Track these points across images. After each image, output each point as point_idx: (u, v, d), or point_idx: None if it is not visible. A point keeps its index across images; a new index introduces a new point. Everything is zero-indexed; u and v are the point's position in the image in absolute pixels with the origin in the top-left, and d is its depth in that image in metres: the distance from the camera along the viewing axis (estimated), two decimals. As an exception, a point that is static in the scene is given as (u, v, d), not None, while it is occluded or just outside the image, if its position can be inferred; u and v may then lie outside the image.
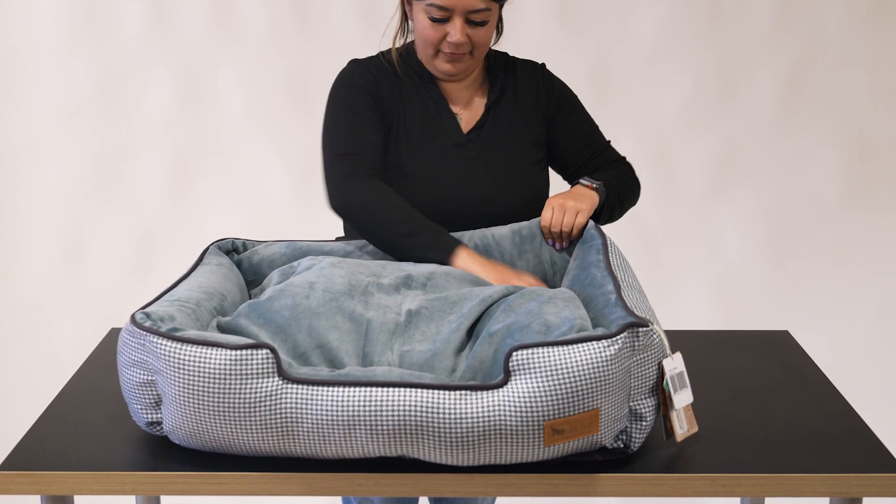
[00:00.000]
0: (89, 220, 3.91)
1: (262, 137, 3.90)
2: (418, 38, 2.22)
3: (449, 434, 1.57)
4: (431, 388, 1.58)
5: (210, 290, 1.88)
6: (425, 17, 2.16)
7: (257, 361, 1.60)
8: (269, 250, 2.13)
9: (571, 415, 1.57)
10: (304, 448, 1.62)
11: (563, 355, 1.57)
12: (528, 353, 1.58)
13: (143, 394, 1.69)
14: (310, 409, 1.59)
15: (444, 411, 1.57)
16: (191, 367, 1.60)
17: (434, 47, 2.19)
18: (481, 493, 1.65)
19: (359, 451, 1.62)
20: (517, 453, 1.60)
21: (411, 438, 1.58)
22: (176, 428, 1.66)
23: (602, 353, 1.58)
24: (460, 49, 2.17)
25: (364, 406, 1.57)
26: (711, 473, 1.65)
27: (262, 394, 1.59)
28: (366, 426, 1.58)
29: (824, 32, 3.84)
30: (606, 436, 1.62)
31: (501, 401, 1.57)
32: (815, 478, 1.64)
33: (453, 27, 2.14)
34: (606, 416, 1.60)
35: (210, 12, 3.83)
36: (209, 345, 1.60)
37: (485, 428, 1.57)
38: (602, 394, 1.58)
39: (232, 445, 1.64)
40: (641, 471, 1.65)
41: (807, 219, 3.91)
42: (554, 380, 1.56)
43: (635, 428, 1.67)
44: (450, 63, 2.20)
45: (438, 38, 2.17)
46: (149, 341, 1.64)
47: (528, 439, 1.58)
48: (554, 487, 1.65)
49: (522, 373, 1.58)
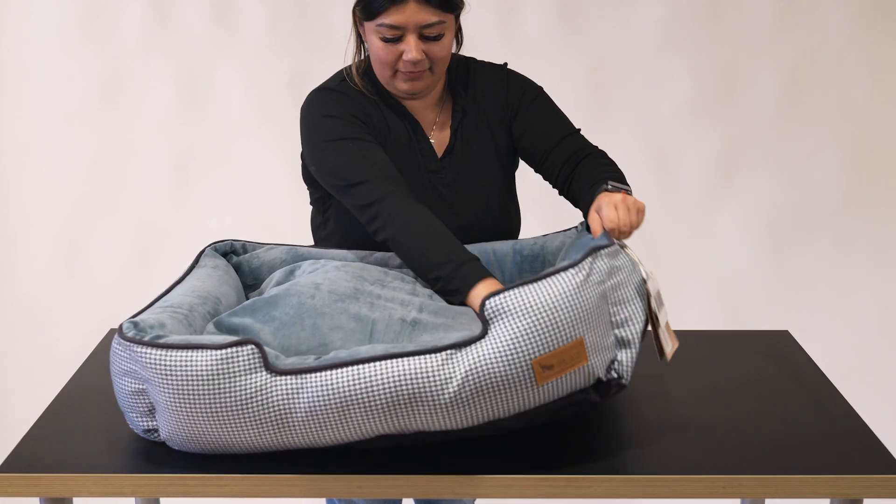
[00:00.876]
0: (89, 220, 3.91)
1: (262, 137, 3.90)
2: (374, 61, 2.11)
3: (442, 396, 1.58)
4: (417, 354, 1.60)
5: (204, 295, 1.87)
6: (377, 38, 2.06)
7: (243, 358, 1.60)
8: (270, 255, 2.12)
9: (556, 348, 1.58)
10: (302, 437, 1.63)
11: (535, 292, 1.60)
12: (500, 299, 1.60)
13: (137, 402, 1.69)
14: (301, 397, 1.59)
15: (434, 374, 1.58)
16: (178, 372, 1.60)
17: (391, 68, 2.09)
18: (480, 494, 1.65)
19: (356, 432, 1.62)
20: (513, 401, 1.60)
21: (406, 409, 1.59)
22: (173, 434, 1.66)
23: (570, 280, 1.61)
24: (418, 66, 2.07)
25: (354, 385, 1.58)
26: (711, 474, 1.65)
27: (251, 390, 1.59)
28: (359, 405, 1.58)
29: (824, 32, 3.84)
30: (597, 366, 1.63)
31: (486, 351, 1.59)
32: (816, 479, 1.64)
33: (407, 45, 2.04)
34: (592, 345, 1.61)
35: (210, 12, 3.83)
36: (193, 347, 1.61)
37: (475, 383, 1.58)
38: (581, 322, 1.60)
39: (230, 445, 1.64)
40: (641, 472, 1.65)
41: (807, 219, 3.91)
42: (530, 317, 1.58)
43: (625, 356, 1.67)
44: (408, 82, 2.11)
45: (394, 58, 2.07)
46: (133, 351, 1.64)
47: (520, 383, 1.59)
48: (554, 489, 1.65)
49: (499, 318, 1.60)
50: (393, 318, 1.81)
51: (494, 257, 2.13)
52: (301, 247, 2.15)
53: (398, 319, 1.81)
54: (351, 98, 2.15)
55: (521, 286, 1.61)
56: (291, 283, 1.86)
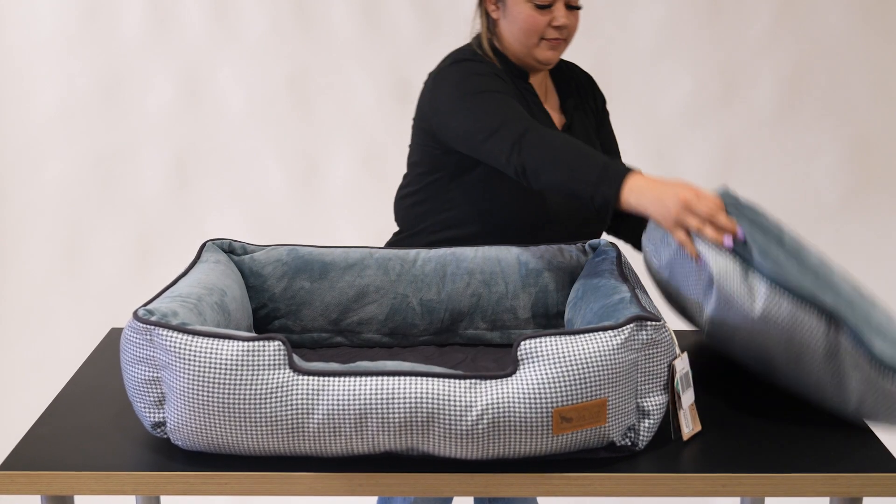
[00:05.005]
0: (89, 220, 3.91)
1: (262, 137, 3.90)
2: (519, 29, 2.22)
3: (458, 423, 1.58)
4: (441, 377, 1.60)
5: (210, 286, 1.88)
6: (528, 5, 2.19)
7: (269, 353, 1.60)
8: (270, 255, 2.13)
9: (579, 402, 1.59)
10: (311, 444, 1.62)
11: (571, 344, 1.61)
12: (536, 343, 1.61)
13: (148, 391, 1.69)
14: (321, 400, 1.59)
15: (454, 400, 1.58)
16: (202, 359, 1.60)
17: (539, 34, 2.21)
18: (481, 493, 1.66)
19: (368, 445, 1.62)
20: (526, 444, 1.61)
21: (421, 429, 1.59)
22: (180, 425, 1.65)
23: (609, 342, 1.62)
24: (562, 34, 2.21)
25: (375, 396, 1.58)
26: (712, 473, 1.65)
27: (273, 385, 1.60)
28: (376, 416, 1.59)
29: (824, 32, 3.84)
30: (614, 429, 1.63)
31: (510, 389, 1.59)
32: (816, 477, 1.64)
33: (558, 11, 2.19)
34: (614, 408, 1.62)
35: (210, 12, 3.83)
36: (220, 337, 1.61)
37: (494, 416, 1.58)
38: (609, 383, 1.61)
39: (236, 444, 1.64)
40: (642, 470, 1.65)
41: (807, 219, 3.91)
42: (561, 368, 1.59)
43: (643, 425, 1.68)
44: (551, 50, 2.23)
45: (544, 25, 2.20)
46: (157, 335, 1.64)
47: (536, 428, 1.59)
48: (554, 487, 1.65)
49: (531, 362, 1.60)
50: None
51: (499, 266, 2.14)
52: (302, 247, 2.15)
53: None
54: (495, 68, 2.24)
55: (558, 335, 1.62)
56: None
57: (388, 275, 2.12)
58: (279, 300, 2.10)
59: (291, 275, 2.11)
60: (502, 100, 2.12)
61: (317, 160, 3.97)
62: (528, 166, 2.00)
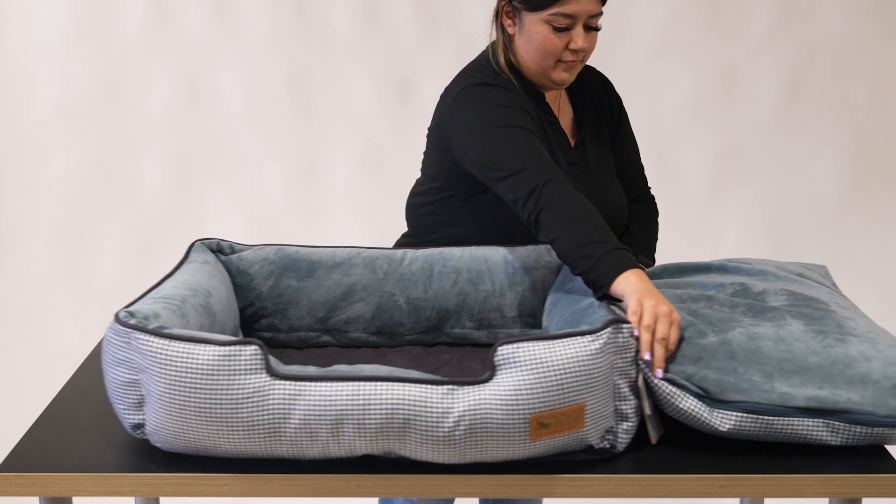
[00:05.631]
0: (89, 220, 3.91)
1: (262, 137, 3.90)
2: (535, 50, 2.16)
3: (435, 429, 1.57)
4: (418, 382, 1.59)
5: (195, 287, 1.88)
6: (546, 27, 2.12)
7: (245, 358, 1.60)
8: (257, 255, 2.12)
9: (556, 408, 1.58)
10: (289, 448, 1.62)
11: (548, 350, 1.59)
12: (513, 349, 1.60)
13: (127, 393, 1.68)
14: (297, 405, 1.59)
15: (431, 406, 1.57)
16: (178, 363, 1.59)
17: (555, 57, 2.15)
18: (479, 494, 1.65)
19: (345, 449, 1.62)
20: (504, 449, 1.60)
21: (397, 434, 1.59)
22: (159, 428, 1.65)
23: (586, 347, 1.60)
24: (580, 56, 2.15)
25: (351, 401, 1.58)
26: (711, 474, 1.65)
27: (249, 390, 1.59)
28: (352, 422, 1.58)
29: (824, 32, 3.84)
30: (592, 433, 1.63)
31: (487, 395, 1.58)
32: (815, 478, 1.64)
33: (577, 34, 2.12)
34: (592, 412, 1.61)
35: (210, 12, 3.83)
36: (197, 341, 1.60)
37: (471, 423, 1.57)
38: (587, 389, 1.60)
39: (216, 447, 1.64)
40: (640, 471, 1.65)
41: (807, 219, 3.91)
42: (539, 373, 1.58)
43: (621, 427, 1.67)
44: (566, 72, 2.18)
45: (561, 48, 2.13)
46: (134, 339, 1.63)
47: (513, 434, 1.59)
48: (552, 488, 1.65)
49: (508, 367, 1.59)
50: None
51: (486, 265, 2.13)
52: (289, 246, 2.14)
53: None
54: (515, 93, 2.19)
55: (536, 340, 1.61)
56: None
57: (376, 273, 2.12)
58: (266, 299, 2.10)
59: (278, 273, 2.10)
60: (525, 139, 2.06)
61: (317, 160, 3.97)
62: (542, 219, 1.95)
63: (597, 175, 2.27)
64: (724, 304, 1.85)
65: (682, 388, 1.67)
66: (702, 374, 1.68)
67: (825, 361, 1.68)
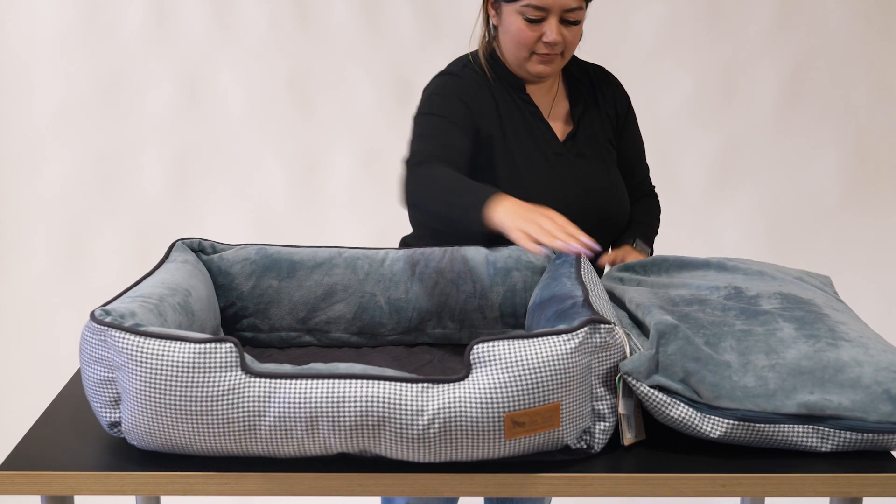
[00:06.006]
0: (89, 220, 3.91)
1: (262, 138, 3.90)
2: (510, 41, 2.19)
3: (410, 427, 1.57)
4: (393, 380, 1.58)
5: (174, 286, 1.87)
6: (519, 18, 2.15)
7: (221, 355, 1.59)
8: (238, 254, 2.12)
9: (531, 407, 1.58)
10: (264, 446, 1.62)
11: (524, 348, 1.59)
12: (488, 347, 1.59)
13: (104, 391, 1.68)
14: (272, 402, 1.59)
15: (405, 404, 1.57)
16: (153, 361, 1.59)
17: (528, 49, 2.17)
18: (481, 494, 1.65)
19: (320, 447, 1.61)
20: (479, 448, 1.60)
21: (372, 432, 1.58)
22: (134, 426, 1.65)
23: (561, 346, 1.60)
24: (555, 49, 2.16)
25: (326, 398, 1.58)
26: (711, 473, 1.65)
27: (224, 387, 1.59)
28: (327, 419, 1.58)
29: (824, 32, 3.84)
30: (569, 433, 1.62)
31: (462, 393, 1.58)
32: (816, 477, 1.64)
33: (549, 27, 2.14)
34: (567, 412, 1.61)
35: (210, 12, 3.83)
36: (172, 339, 1.60)
37: (445, 420, 1.57)
38: (562, 388, 1.59)
39: (191, 445, 1.63)
40: (641, 470, 1.65)
41: (807, 218, 3.91)
42: (514, 372, 1.57)
43: (598, 428, 1.67)
44: (542, 64, 2.19)
45: (534, 39, 2.16)
46: (110, 336, 1.63)
47: (488, 432, 1.58)
48: (553, 487, 1.65)
49: (483, 366, 1.59)
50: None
51: (468, 266, 2.13)
52: (271, 246, 2.14)
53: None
54: (466, 83, 2.22)
55: (511, 339, 1.60)
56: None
57: (357, 274, 2.12)
58: (247, 299, 2.10)
59: (259, 273, 2.10)
60: (435, 125, 2.12)
61: (317, 160, 3.97)
62: (409, 200, 2.03)
63: (589, 169, 2.28)
64: (716, 307, 1.84)
65: (674, 395, 1.67)
66: (695, 377, 1.68)
67: (816, 366, 1.68)
